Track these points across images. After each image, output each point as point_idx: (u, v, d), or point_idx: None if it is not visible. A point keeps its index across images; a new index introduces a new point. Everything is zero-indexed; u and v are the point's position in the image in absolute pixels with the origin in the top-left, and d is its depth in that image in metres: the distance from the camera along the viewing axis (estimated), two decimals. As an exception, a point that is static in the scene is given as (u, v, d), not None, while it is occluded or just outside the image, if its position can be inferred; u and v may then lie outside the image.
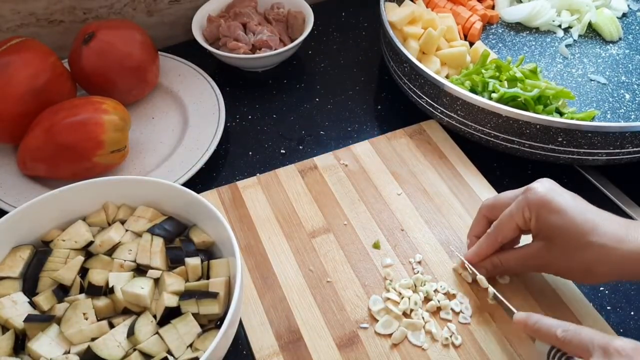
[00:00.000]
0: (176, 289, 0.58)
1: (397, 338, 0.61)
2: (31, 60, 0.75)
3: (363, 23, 1.03)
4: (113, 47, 0.80)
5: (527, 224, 0.60)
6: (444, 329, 0.62)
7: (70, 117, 0.72)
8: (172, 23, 0.98)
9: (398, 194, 0.75)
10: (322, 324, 0.63)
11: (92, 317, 0.56)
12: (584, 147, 0.72)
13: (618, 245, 0.55)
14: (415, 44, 0.86)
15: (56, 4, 0.89)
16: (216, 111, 0.83)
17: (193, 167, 0.76)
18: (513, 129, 0.73)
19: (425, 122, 0.83)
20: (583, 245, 0.57)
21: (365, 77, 0.93)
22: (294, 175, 0.77)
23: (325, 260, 0.68)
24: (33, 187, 0.75)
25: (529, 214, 0.59)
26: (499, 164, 0.79)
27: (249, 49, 0.90)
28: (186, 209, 0.64)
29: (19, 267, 0.60)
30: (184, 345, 0.55)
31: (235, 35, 0.90)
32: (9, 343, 0.55)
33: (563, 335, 0.53)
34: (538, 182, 0.60)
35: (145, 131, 0.84)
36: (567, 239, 0.57)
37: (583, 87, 0.87)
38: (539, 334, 0.56)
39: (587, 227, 0.56)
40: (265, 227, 0.72)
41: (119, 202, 0.66)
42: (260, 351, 0.61)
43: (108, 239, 0.62)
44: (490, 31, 0.97)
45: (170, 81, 0.89)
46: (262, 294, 0.66)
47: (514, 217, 0.60)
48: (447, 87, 0.75)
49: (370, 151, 0.80)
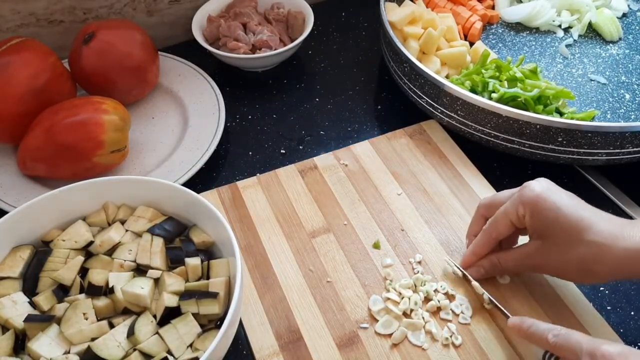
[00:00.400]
0: (176, 289, 0.58)
1: (397, 338, 0.61)
2: (31, 60, 0.75)
3: (363, 23, 1.03)
4: (113, 47, 0.79)
5: (522, 221, 0.60)
6: (444, 329, 0.62)
7: (70, 117, 0.72)
8: (172, 23, 0.98)
9: (398, 194, 0.75)
10: (322, 324, 0.63)
11: (92, 317, 0.56)
12: (584, 147, 0.72)
13: (613, 243, 0.55)
14: (415, 44, 0.86)
15: (56, 4, 0.89)
16: (216, 111, 0.83)
17: (193, 167, 0.76)
18: (513, 129, 0.73)
19: (425, 122, 0.83)
20: (578, 243, 0.56)
21: (365, 77, 0.93)
22: (294, 175, 0.77)
23: (325, 260, 0.68)
24: (33, 187, 0.75)
25: (523, 211, 0.59)
26: (499, 164, 0.79)
27: (249, 49, 0.90)
28: (186, 209, 0.64)
29: (19, 267, 0.60)
30: (184, 345, 0.55)
31: (235, 35, 0.90)
32: (9, 343, 0.55)
33: (554, 340, 0.53)
34: (535, 180, 0.60)
35: (145, 131, 0.84)
36: (562, 236, 0.57)
37: (583, 87, 0.87)
38: (532, 338, 0.56)
39: (582, 225, 0.56)
40: (265, 227, 0.72)
41: (119, 202, 0.66)
42: (260, 351, 0.61)
43: (108, 239, 0.62)
44: (491, 31, 0.97)
45: (170, 81, 0.89)
46: (262, 294, 0.66)
47: (508, 213, 0.60)
48: (447, 87, 0.75)
49: (370, 151, 0.80)
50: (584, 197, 0.59)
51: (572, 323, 0.62)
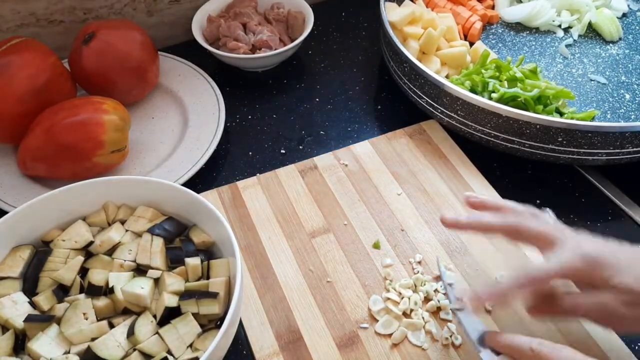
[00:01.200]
0: (176, 289, 0.58)
1: (397, 338, 0.61)
2: (31, 60, 0.75)
3: (363, 23, 1.03)
4: (113, 47, 0.79)
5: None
6: (444, 329, 0.62)
7: (70, 117, 0.72)
8: (172, 23, 0.98)
9: (398, 194, 0.75)
10: (322, 324, 0.63)
11: (92, 317, 0.56)
12: (584, 147, 0.72)
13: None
14: (415, 44, 0.86)
15: (56, 4, 0.89)
16: (216, 111, 0.83)
17: (193, 167, 0.76)
18: (513, 129, 0.73)
19: (425, 122, 0.83)
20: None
21: (365, 77, 0.93)
22: (294, 175, 0.77)
23: (326, 260, 0.68)
24: (33, 187, 0.75)
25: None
26: (499, 164, 0.79)
27: (249, 49, 0.90)
28: (186, 209, 0.64)
29: (19, 267, 0.60)
30: (184, 345, 0.55)
31: (235, 35, 0.90)
32: (9, 343, 0.55)
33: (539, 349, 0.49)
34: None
35: (145, 131, 0.84)
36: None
37: (583, 87, 0.87)
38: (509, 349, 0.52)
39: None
40: (265, 227, 0.72)
41: (119, 202, 0.66)
42: (261, 351, 0.61)
43: (108, 239, 0.62)
44: (490, 31, 0.97)
45: (170, 81, 0.89)
46: (262, 294, 0.66)
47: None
48: (447, 87, 0.75)
49: (370, 151, 0.80)
50: (584, 197, 0.59)
51: (572, 323, 0.62)
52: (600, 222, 0.73)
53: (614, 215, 0.73)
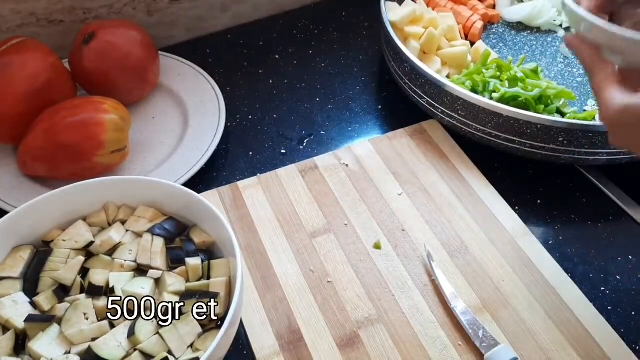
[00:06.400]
0: (177, 289, 0.58)
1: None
2: (31, 60, 0.75)
3: (363, 23, 1.03)
4: (113, 47, 0.79)
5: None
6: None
7: (70, 117, 0.72)
8: (172, 23, 0.98)
9: (399, 194, 0.75)
10: (322, 324, 0.63)
11: (93, 317, 0.56)
12: (585, 147, 0.72)
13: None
14: (416, 44, 0.86)
15: (56, 4, 0.89)
16: (216, 111, 0.83)
17: (193, 167, 0.76)
18: (514, 128, 0.73)
19: (426, 121, 0.83)
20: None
21: (365, 77, 0.93)
22: (295, 175, 0.77)
23: (326, 261, 0.68)
24: (33, 187, 0.75)
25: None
26: (500, 163, 0.79)
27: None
28: (187, 209, 0.64)
29: (20, 267, 0.60)
30: (184, 345, 0.55)
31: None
32: (9, 343, 0.55)
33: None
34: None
35: (146, 131, 0.84)
36: None
37: (584, 87, 0.87)
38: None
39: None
40: (265, 227, 0.72)
41: (119, 202, 0.66)
42: (261, 351, 0.61)
43: (108, 239, 0.62)
44: (491, 31, 0.97)
45: (171, 81, 0.89)
46: (263, 294, 0.66)
47: None
48: (448, 87, 0.75)
49: (371, 151, 0.80)
50: (585, 197, 0.59)
51: (572, 323, 0.62)
52: (601, 222, 0.72)
53: (615, 215, 0.73)
